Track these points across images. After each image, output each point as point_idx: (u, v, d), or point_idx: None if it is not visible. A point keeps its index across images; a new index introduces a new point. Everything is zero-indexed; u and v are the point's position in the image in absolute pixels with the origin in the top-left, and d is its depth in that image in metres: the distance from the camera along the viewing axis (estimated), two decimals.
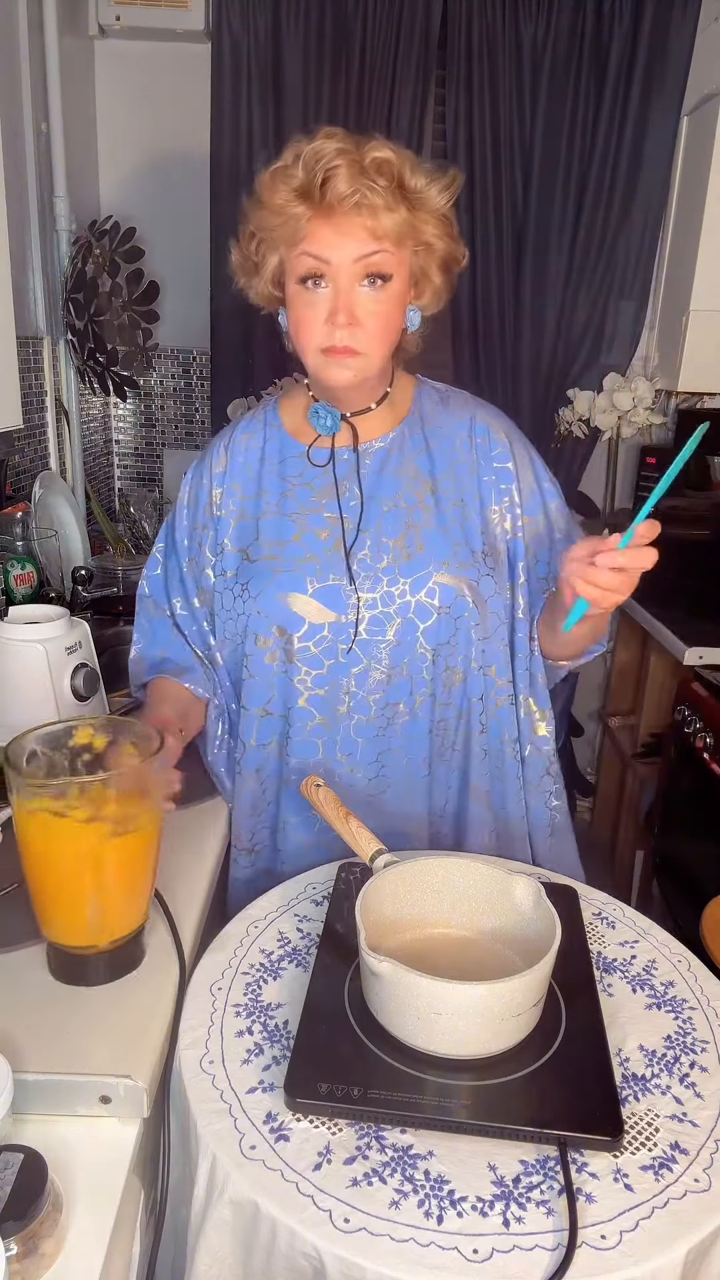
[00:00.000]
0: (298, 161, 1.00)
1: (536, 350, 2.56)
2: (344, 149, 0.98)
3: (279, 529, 1.15)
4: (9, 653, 1.27)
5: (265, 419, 1.22)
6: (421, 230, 1.03)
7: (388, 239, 1.00)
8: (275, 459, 1.18)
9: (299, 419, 1.19)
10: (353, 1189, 0.67)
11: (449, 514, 1.14)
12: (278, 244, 1.04)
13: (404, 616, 1.11)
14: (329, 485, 1.15)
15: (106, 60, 2.44)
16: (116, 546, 2.16)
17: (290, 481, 1.17)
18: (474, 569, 1.12)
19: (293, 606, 1.12)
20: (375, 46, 2.35)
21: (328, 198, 0.98)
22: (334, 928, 0.92)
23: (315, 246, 1.00)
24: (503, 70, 2.37)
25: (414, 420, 1.17)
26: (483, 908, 0.90)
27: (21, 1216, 0.60)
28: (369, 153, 0.99)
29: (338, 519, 1.14)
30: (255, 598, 1.13)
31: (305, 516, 1.15)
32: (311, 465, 1.16)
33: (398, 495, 1.14)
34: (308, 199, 0.99)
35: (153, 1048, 0.78)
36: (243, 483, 1.19)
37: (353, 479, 1.15)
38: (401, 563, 1.11)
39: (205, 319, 2.60)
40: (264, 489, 1.18)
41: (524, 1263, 0.63)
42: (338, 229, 0.99)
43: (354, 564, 1.12)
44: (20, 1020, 0.79)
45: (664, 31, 2.32)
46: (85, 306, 2.12)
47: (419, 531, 1.12)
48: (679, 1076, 0.79)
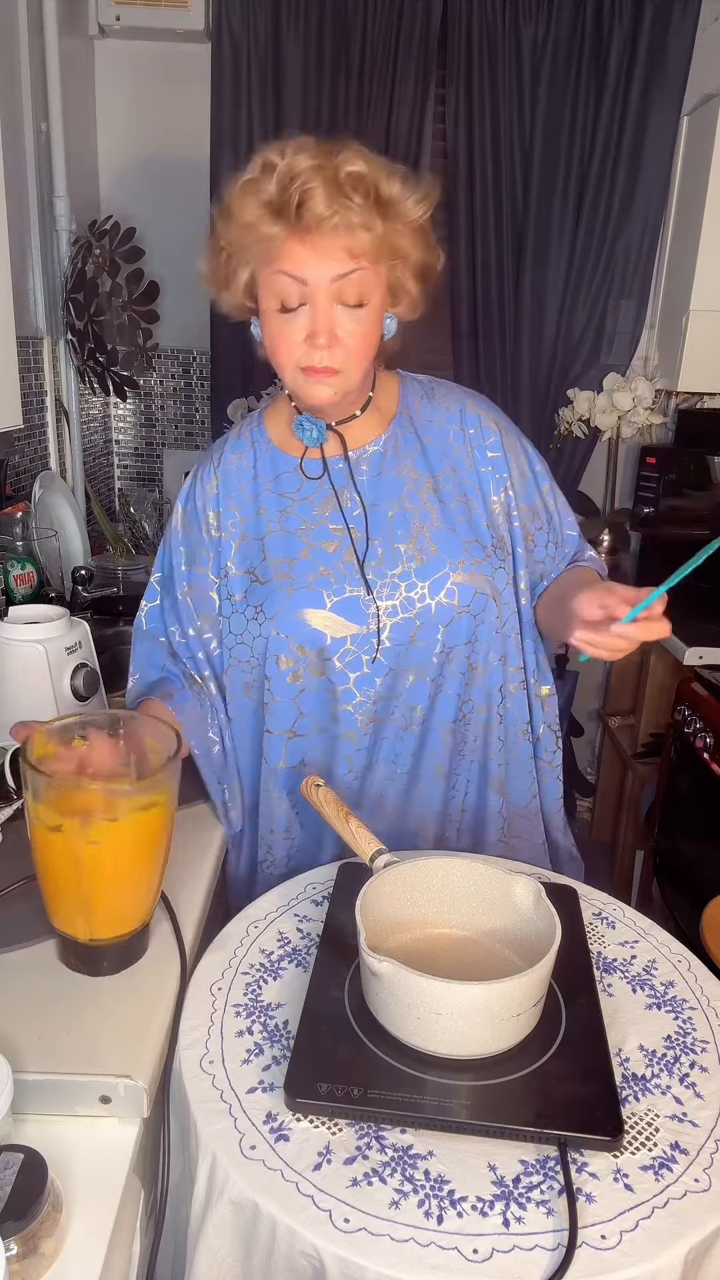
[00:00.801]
0: (270, 175, 0.95)
1: (536, 350, 2.56)
2: (319, 165, 0.94)
3: (286, 546, 1.12)
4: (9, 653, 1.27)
5: (252, 436, 1.18)
6: (397, 243, 1.00)
7: (364, 256, 0.97)
8: (269, 475, 1.16)
9: (285, 431, 1.16)
10: (353, 1189, 0.67)
11: (454, 511, 1.13)
12: (249, 260, 1.01)
13: (425, 620, 1.09)
14: (329, 496, 1.13)
15: (106, 60, 2.44)
16: (116, 546, 2.16)
17: (289, 497, 1.14)
18: (487, 564, 1.12)
19: (312, 623, 1.09)
20: (375, 46, 2.35)
21: (304, 219, 0.94)
22: (334, 928, 0.92)
23: (291, 266, 0.97)
24: (503, 70, 2.37)
25: (403, 419, 1.15)
26: (483, 908, 0.90)
27: (21, 1216, 0.60)
28: (343, 166, 0.95)
29: (344, 529, 1.12)
30: (272, 619, 1.10)
31: (310, 531, 1.13)
32: (306, 478, 1.14)
33: (400, 498, 1.12)
34: (282, 218, 0.95)
35: (153, 1048, 0.78)
36: (239, 503, 1.16)
37: (350, 487, 1.13)
38: (416, 566, 1.10)
39: (205, 319, 2.60)
40: (263, 507, 1.15)
41: (524, 1263, 0.63)
42: (314, 249, 0.96)
43: (369, 573, 1.10)
44: (20, 1020, 0.79)
45: (664, 31, 2.32)
46: (85, 306, 2.12)
47: (429, 532, 1.11)
48: (679, 1076, 0.79)
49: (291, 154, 0.95)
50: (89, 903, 0.84)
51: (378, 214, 0.97)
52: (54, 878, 0.84)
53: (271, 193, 0.95)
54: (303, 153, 0.95)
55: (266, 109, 2.41)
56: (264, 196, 0.95)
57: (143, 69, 2.44)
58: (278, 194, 0.95)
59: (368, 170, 0.96)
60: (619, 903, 1.03)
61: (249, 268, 1.02)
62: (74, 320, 2.14)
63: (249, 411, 2.55)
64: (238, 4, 2.33)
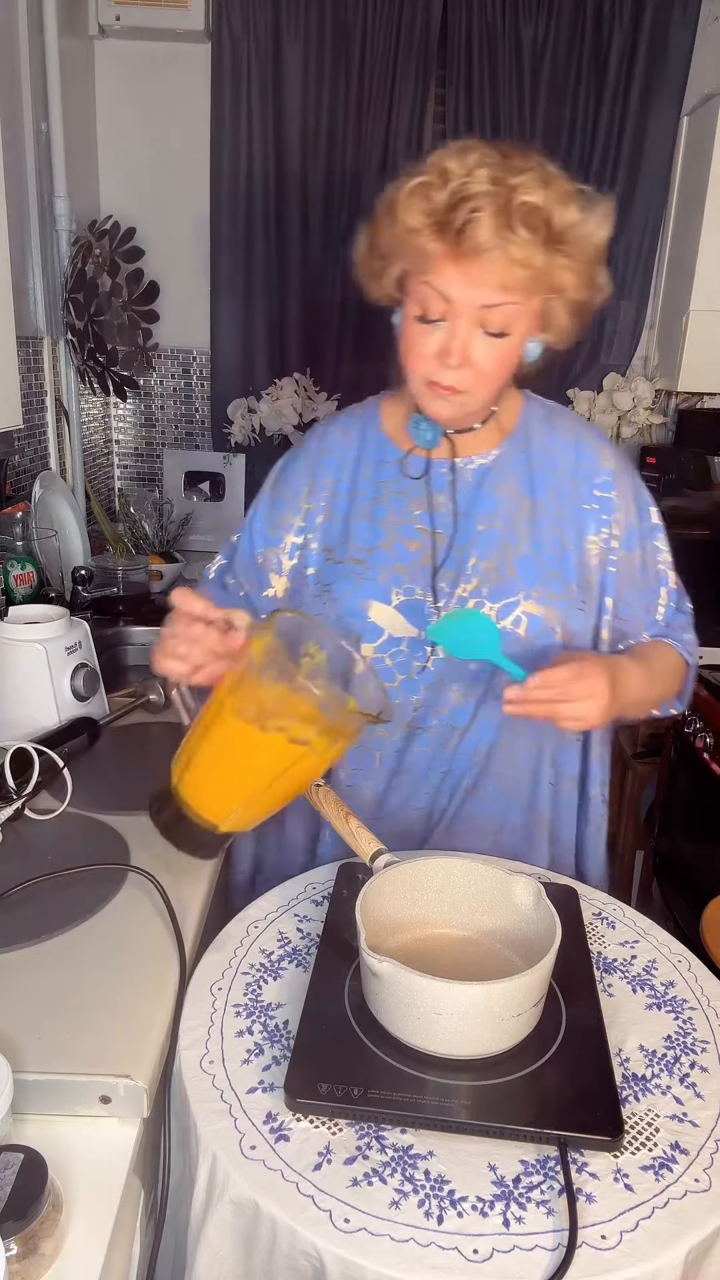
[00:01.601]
0: (442, 185, 0.90)
1: None
2: (493, 191, 0.88)
3: (369, 534, 1.11)
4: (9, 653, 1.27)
5: (365, 418, 1.16)
6: (558, 278, 0.94)
7: (517, 291, 0.93)
8: (372, 461, 1.13)
9: (399, 424, 1.14)
10: (353, 1189, 0.67)
11: (545, 540, 1.08)
12: (402, 260, 0.97)
13: None
14: (423, 497, 1.11)
15: (106, 60, 2.44)
16: (116, 546, 2.16)
17: (385, 487, 1.12)
18: (565, 601, 1.07)
19: (373, 615, 1.08)
20: (375, 46, 2.35)
21: (464, 244, 0.89)
22: (334, 928, 0.92)
23: (440, 283, 0.93)
24: (503, 70, 2.37)
25: (518, 439, 1.12)
26: (483, 908, 0.90)
27: (21, 1216, 0.60)
28: (519, 193, 0.89)
29: (429, 532, 1.09)
30: (338, 600, 1.09)
31: (397, 525, 1.10)
32: (406, 475, 1.12)
33: (494, 516, 1.09)
34: (443, 236, 0.91)
35: (153, 1048, 0.78)
36: (335, 479, 1.14)
37: (448, 494, 1.10)
38: (490, 586, 1.07)
39: (205, 319, 2.61)
40: (357, 490, 1.13)
41: (524, 1263, 0.63)
42: (467, 274, 0.92)
43: (441, 581, 1.08)
44: (20, 1020, 0.79)
45: (664, 31, 2.32)
46: (85, 306, 2.12)
47: (512, 555, 1.07)
48: (679, 1076, 0.79)
49: (472, 166, 0.90)
50: (260, 803, 0.87)
51: (544, 248, 0.91)
52: (243, 770, 0.86)
53: (439, 205, 0.90)
54: (483, 168, 0.89)
55: (266, 109, 2.41)
56: (431, 205, 0.91)
57: (143, 69, 2.44)
58: (445, 210, 0.90)
59: (543, 201, 0.90)
60: (619, 903, 1.03)
61: (402, 266, 0.99)
62: (74, 320, 2.14)
63: (249, 412, 2.56)
64: (238, 4, 2.33)
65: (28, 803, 1.12)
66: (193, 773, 0.88)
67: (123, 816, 1.13)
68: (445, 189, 0.90)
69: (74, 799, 1.13)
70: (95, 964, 0.88)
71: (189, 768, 0.88)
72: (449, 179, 0.90)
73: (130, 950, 0.90)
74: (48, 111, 2.08)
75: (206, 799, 0.88)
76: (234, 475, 2.67)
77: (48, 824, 1.10)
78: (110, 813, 1.14)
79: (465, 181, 0.89)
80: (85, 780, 1.18)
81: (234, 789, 0.88)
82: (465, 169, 0.90)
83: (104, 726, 1.36)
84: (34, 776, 1.12)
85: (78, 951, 0.89)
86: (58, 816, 1.11)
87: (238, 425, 2.58)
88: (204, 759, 0.87)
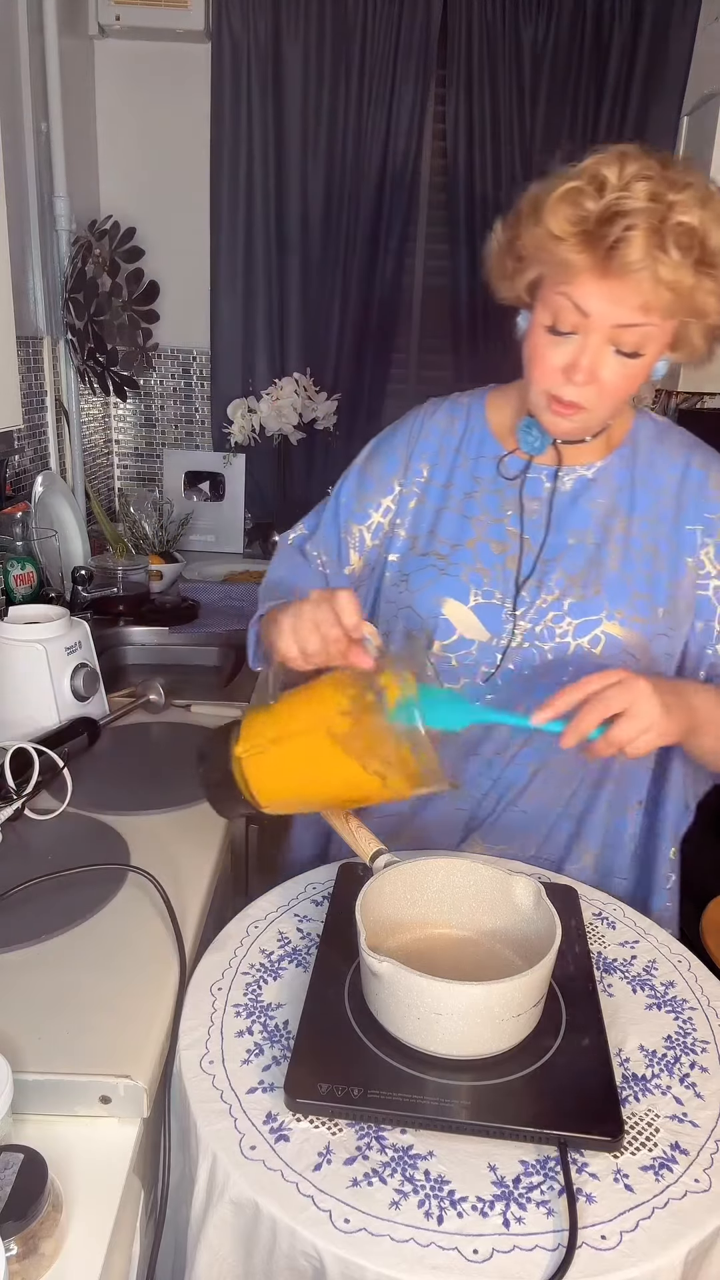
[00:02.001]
0: (596, 194, 0.85)
1: None
2: (649, 208, 0.83)
3: (457, 529, 1.08)
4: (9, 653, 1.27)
5: (470, 407, 1.12)
6: (701, 302, 0.89)
7: (658, 313, 0.88)
8: (471, 454, 1.10)
9: (505, 420, 1.10)
10: (353, 1189, 0.67)
11: (637, 560, 1.04)
12: (540, 266, 0.93)
13: (559, 657, 1.03)
14: (516, 498, 1.07)
15: (106, 60, 2.44)
16: (116, 546, 2.16)
17: (480, 483, 1.09)
18: (649, 625, 1.03)
19: (446, 611, 1.05)
20: (375, 46, 2.35)
21: (612, 261, 0.85)
22: (334, 928, 0.92)
23: (579, 297, 0.89)
24: (503, 70, 2.37)
25: (625, 453, 1.08)
26: (483, 908, 0.90)
27: (21, 1216, 0.60)
28: (676, 212, 0.84)
29: (518, 537, 1.06)
30: (414, 592, 1.07)
31: (487, 524, 1.07)
32: (503, 475, 1.08)
33: (587, 530, 1.05)
34: (590, 249, 0.86)
35: (153, 1048, 0.78)
36: (432, 465, 1.11)
37: (544, 502, 1.07)
38: (572, 601, 1.03)
39: (205, 319, 2.60)
40: (452, 481, 1.09)
41: (524, 1263, 0.63)
42: (608, 291, 0.87)
43: (523, 589, 1.04)
44: (20, 1020, 0.79)
45: (664, 31, 2.32)
46: (85, 306, 2.12)
47: (600, 573, 1.03)
48: (679, 1077, 0.79)
49: (630, 178, 0.85)
50: (312, 806, 0.90)
51: (693, 269, 0.86)
52: (317, 783, 0.86)
53: (590, 216, 0.85)
54: (641, 181, 0.84)
55: (266, 109, 2.41)
56: (581, 214, 0.86)
57: (143, 69, 2.44)
58: (596, 222, 0.85)
59: (699, 222, 0.85)
60: (619, 903, 1.03)
61: (538, 271, 0.94)
62: (74, 320, 2.14)
63: (249, 412, 2.56)
64: (238, 4, 2.33)
65: (28, 803, 1.12)
66: (262, 758, 0.87)
67: (123, 816, 1.13)
68: (599, 200, 0.85)
69: (74, 799, 1.13)
70: (95, 964, 0.88)
71: (260, 752, 0.87)
72: (604, 189, 0.85)
73: (130, 950, 0.90)
74: (48, 111, 2.08)
75: (265, 784, 0.87)
76: (234, 475, 2.67)
77: (48, 824, 1.10)
78: (110, 813, 1.14)
79: (622, 195, 0.84)
80: (85, 780, 1.18)
81: (299, 791, 0.88)
82: (623, 180, 0.85)
83: (104, 726, 1.36)
84: (34, 776, 1.13)
85: (78, 951, 0.89)
86: (58, 816, 1.11)
87: (238, 425, 2.58)
88: (281, 756, 0.86)
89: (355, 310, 2.55)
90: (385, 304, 2.56)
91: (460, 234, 2.49)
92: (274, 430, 2.55)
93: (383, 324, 2.58)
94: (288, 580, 1.14)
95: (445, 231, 2.53)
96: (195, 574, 2.37)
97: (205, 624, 1.96)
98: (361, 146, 2.43)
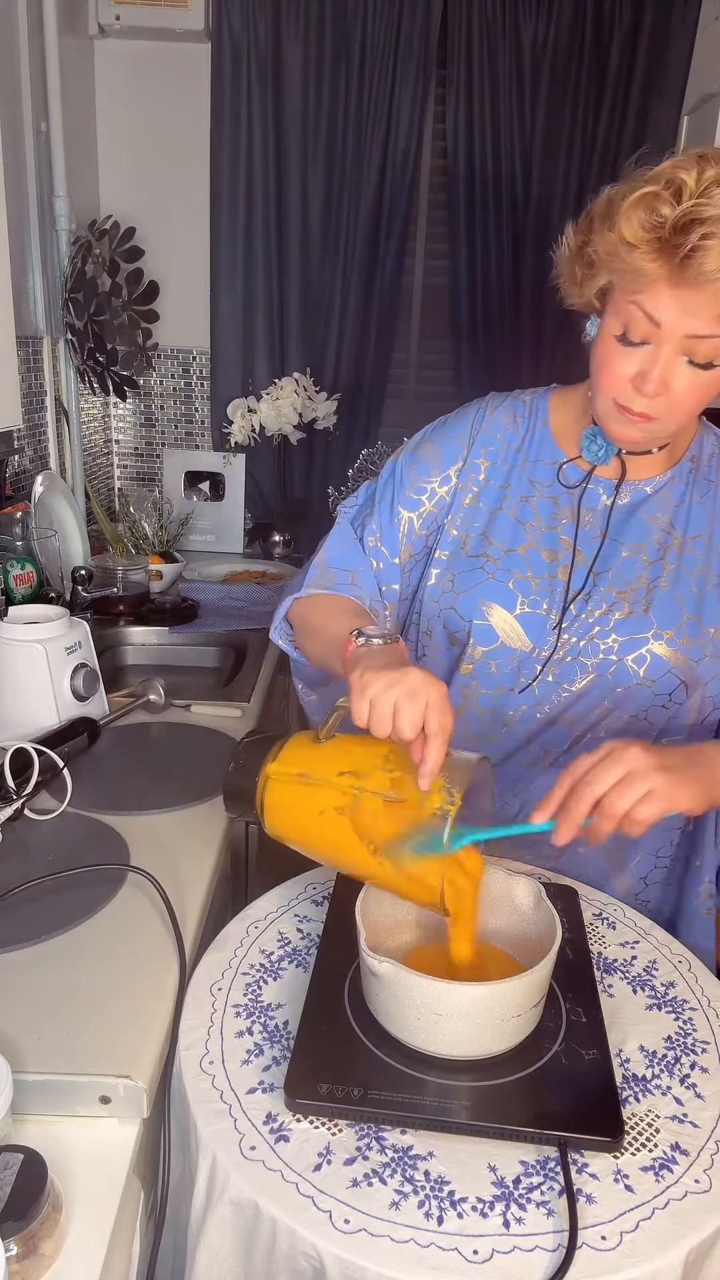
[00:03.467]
0: (673, 199, 0.82)
1: (537, 350, 2.56)
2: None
3: (510, 533, 1.05)
4: (9, 653, 1.27)
5: (533, 408, 1.09)
6: None
7: None
8: (531, 457, 1.07)
9: (568, 425, 1.07)
10: (353, 1189, 0.67)
11: (690, 579, 1.02)
12: (611, 273, 0.90)
13: (601, 674, 1.01)
14: (572, 507, 1.05)
15: (106, 60, 2.44)
16: (116, 546, 2.16)
17: (537, 487, 1.06)
18: (698, 648, 1.00)
19: (490, 617, 1.03)
20: (375, 46, 2.35)
21: (687, 270, 0.82)
22: (334, 928, 0.92)
23: (651, 306, 0.86)
24: (503, 70, 2.37)
25: (684, 468, 1.05)
26: (483, 908, 0.90)
27: (21, 1217, 0.60)
28: None
29: (571, 547, 1.04)
30: (458, 593, 1.05)
31: (539, 531, 1.05)
32: (561, 481, 1.06)
33: (641, 544, 1.03)
34: (664, 257, 0.83)
35: (153, 1048, 0.78)
36: (491, 462, 1.07)
37: (600, 514, 1.04)
38: (620, 618, 1.01)
39: (205, 319, 2.60)
40: (509, 483, 1.07)
41: (524, 1263, 0.62)
42: (683, 301, 0.84)
43: (571, 601, 1.02)
44: (20, 1020, 0.79)
45: (664, 31, 2.32)
46: (85, 306, 2.12)
47: (651, 591, 1.01)
48: (679, 1077, 0.78)
49: (710, 183, 0.81)
50: (312, 849, 0.87)
51: None
52: (322, 845, 0.86)
53: (664, 223, 0.82)
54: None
55: (266, 109, 2.41)
56: (656, 220, 0.82)
57: (143, 69, 2.44)
58: (672, 229, 0.81)
59: None
60: (619, 903, 1.03)
61: (609, 278, 0.91)
62: (74, 320, 2.14)
63: (249, 412, 2.56)
64: (238, 4, 2.33)
65: (28, 803, 1.12)
66: (285, 788, 0.86)
67: (123, 816, 1.13)
68: (676, 206, 0.81)
69: (74, 799, 1.13)
70: (95, 964, 0.88)
71: (287, 781, 0.85)
72: (681, 195, 0.81)
73: (130, 950, 0.90)
74: (48, 111, 2.08)
75: (277, 812, 0.87)
76: (234, 475, 2.67)
77: (48, 824, 1.10)
78: (110, 813, 1.14)
79: (700, 202, 0.80)
80: (85, 780, 1.18)
81: (301, 836, 0.88)
82: (700, 185, 0.81)
83: (104, 726, 1.36)
84: (34, 776, 1.13)
85: (78, 951, 0.89)
86: (58, 816, 1.11)
87: (238, 425, 2.58)
88: (302, 796, 0.85)
89: (355, 310, 2.55)
90: (385, 304, 2.56)
91: (460, 233, 2.49)
92: (274, 430, 2.55)
93: (383, 324, 2.58)
94: (342, 564, 1.09)
95: (445, 231, 2.53)
96: (195, 574, 2.37)
97: (205, 624, 1.95)
98: (361, 146, 2.43)
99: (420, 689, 0.78)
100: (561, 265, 0.97)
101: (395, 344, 2.64)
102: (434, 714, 0.78)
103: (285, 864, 1.25)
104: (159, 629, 1.93)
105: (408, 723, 0.78)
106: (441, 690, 0.79)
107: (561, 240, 0.97)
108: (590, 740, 1.05)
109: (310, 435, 2.62)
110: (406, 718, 0.78)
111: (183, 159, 2.50)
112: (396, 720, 0.78)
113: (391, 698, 0.78)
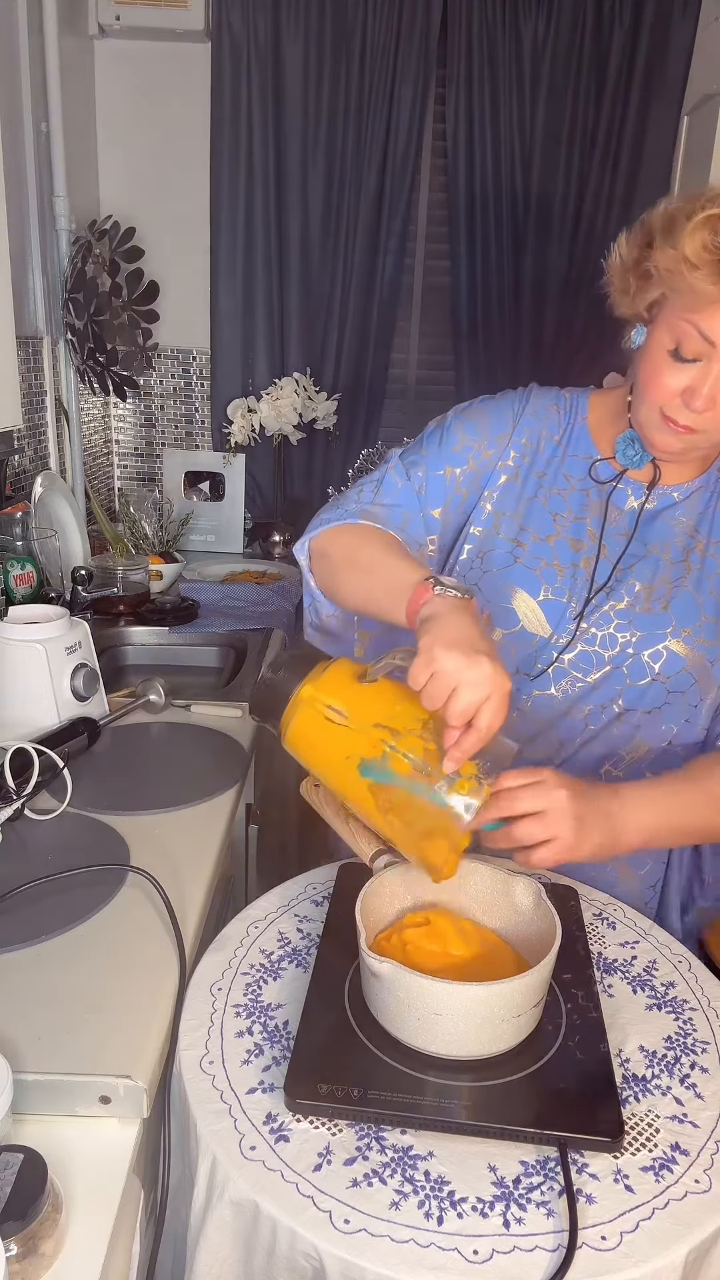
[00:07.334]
0: None
1: (537, 350, 2.56)
2: None
3: (541, 521, 1.07)
4: (9, 653, 1.27)
5: (574, 403, 1.11)
6: None
7: None
8: (566, 451, 1.09)
9: (606, 424, 1.09)
10: (353, 1190, 0.67)
11: (710, 584, 1.04)
12: (666, 288, 0.91)
13: (616, 666, 1.03)
14: (601, 502, 1.07)
15: (106, 60, 2.44)
16: (116, 546, 2.16)
17: (570, 480, 1.08)
18: (715, 648, 1.02)
19: (514, 601, 1.05)
20: (375, 46, 2.35)
21: None
22: (334, 928, 0.92)
23: (708, 327, 0.87)
24: (503, 69, 2.37)
25: (712, 475, 1.07)
26: (483, 908, 0.90)
27: (21, 1217, 0.60)
28: None
29: (597, 541, 1.06)
30: (486, 573, 1.06)
31: (569, 522, 1.07)
32: (594, 476, 1.08)
33: (665, 545, 1.05)
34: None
35: (153, 1048, 0.78)
36: (532, 448, 1.09)
37: (627, 514, 1.07)
38: (639, 613, 1.03)
39: (205, 319, 2.60)
40: (547, 472, 1.09)
41: (524, 1264, 0.62)
42: None
43: (594, 593, 1.04)
44: (20, 1020, 0.79)
45: (664, 31, 2.32)
46: (85, 306, 2.12)
47: (671, 590, 1.03)
48: (679, 1077, 0.78)
49: None
50: (324, 777, 0.88)
51: None
52: (327, 769, 0.87)
53: None
54: None
55: (266, 109, 2.41)
56: (718, 242, 0.83)
57: (143, 69, 2.44)
58: None
59: None
60: (619, 903, 1.03)
61: (662, 292, 0.92)
62: (74, 320, 2.14)
63: (249, 412, 2.56)
64: (238, 4, 2.33)
65: (28, 803, 1.12)
66: (315, 713, 0.84)
67: (123, 816, 1.13)
68: None
69: (74, 799, 1.13)
70: (95, 964, 0.87)
71: (318, 707, 0.84)
72: None
73: (130, 950, 0.90)
74: (48, 111, 2.08)
75: (300, 732, 0.86)
76: (234, 475, 2.67)
77: (48, 824, 1.10)
78: (110, 813, 1.13)
79: None
80: (85, 780, 1.18)
81: (315, 770, 0.89)
82: None
83: (104, 726, 1.36)
84: (34, 776, 1.12)
85: (78, 951, 0.89)
86: (58, 816, 1.11)
87: (238, 425, 2.58)
88: (329, 728, 0.84)
89: (355, 310, 2.55)
90: (385, 304, 2.56)
91: (460, 233, 2.49)
92: (274, 430, 2.55)
93: (383, 324, 2.58)
94: (393, 503, 1.09)
95: (445, 231, 2.53)
96: (195, 574, 2.37)
97: (205, 624, 1.95)
98: (361, 146, 2.43)
99: (486, 682, 0.77)
100: (613, 275, 0.98)
101: (395, 344, 2.64)
102: (488, 711, 0.77)
103: (285, 864, 1.25)
104: (159, 629, 1.93)
105: (459, 710, 0.77)
106: (505, 689, 0.78)
107: (614, 250, 0.97)
108: (603, 738, 1.06)
109: (310, 435, 2.62)
110: (461, 704, 0.77)
111: (183, 159, 2.50)
112: (451, 702, 0.77)
113: (455, 679, 0.77)
